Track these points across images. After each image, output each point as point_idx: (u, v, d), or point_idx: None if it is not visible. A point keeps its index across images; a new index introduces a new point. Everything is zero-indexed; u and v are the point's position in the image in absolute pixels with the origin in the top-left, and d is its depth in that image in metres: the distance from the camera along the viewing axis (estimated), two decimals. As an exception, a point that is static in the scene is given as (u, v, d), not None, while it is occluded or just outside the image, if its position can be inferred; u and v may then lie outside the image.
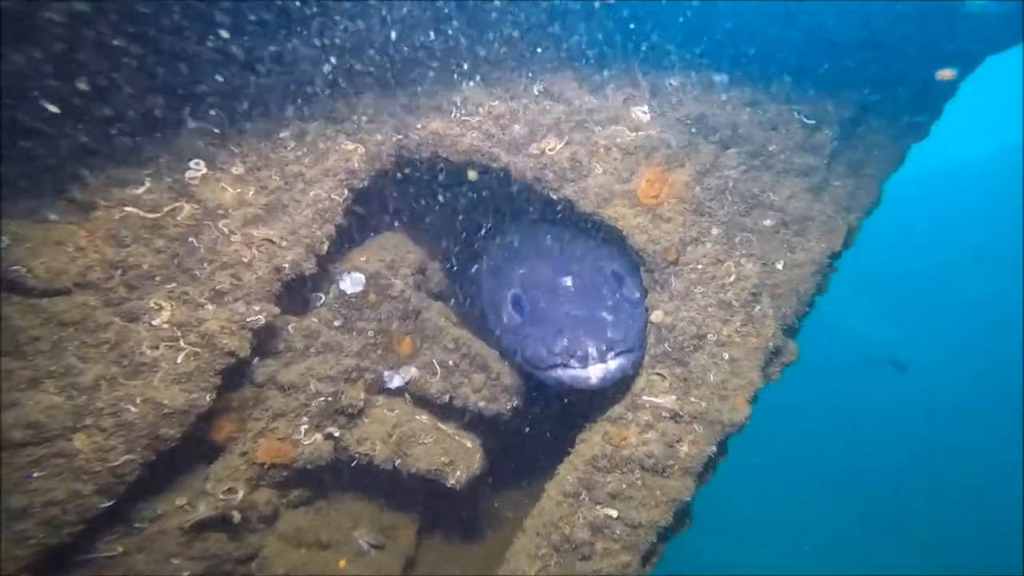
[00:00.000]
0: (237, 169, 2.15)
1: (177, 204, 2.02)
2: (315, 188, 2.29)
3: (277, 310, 2.19)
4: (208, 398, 2.01)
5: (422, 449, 2.65)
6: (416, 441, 2.65)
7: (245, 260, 2.12)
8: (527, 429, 3.09)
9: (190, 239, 2.03)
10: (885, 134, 3.27)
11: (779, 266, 2.80)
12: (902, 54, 3.08)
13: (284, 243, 2.20)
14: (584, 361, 2.30)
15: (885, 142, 3.28)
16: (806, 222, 2.90)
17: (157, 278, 1.96)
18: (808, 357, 3.03)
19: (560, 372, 2.37)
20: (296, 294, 2.42)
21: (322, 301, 2.46)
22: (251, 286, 2.12)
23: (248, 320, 2.10)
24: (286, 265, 2.17)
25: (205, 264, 2.05)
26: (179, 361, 1.95)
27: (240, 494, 2.14)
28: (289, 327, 2.37)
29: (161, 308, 1.94)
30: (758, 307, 2.73)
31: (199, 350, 1.99)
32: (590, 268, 2.67)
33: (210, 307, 2.03)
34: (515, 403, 2.89)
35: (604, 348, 2.32)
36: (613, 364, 2.33)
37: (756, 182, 2.87)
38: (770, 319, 2.74)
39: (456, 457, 2.71)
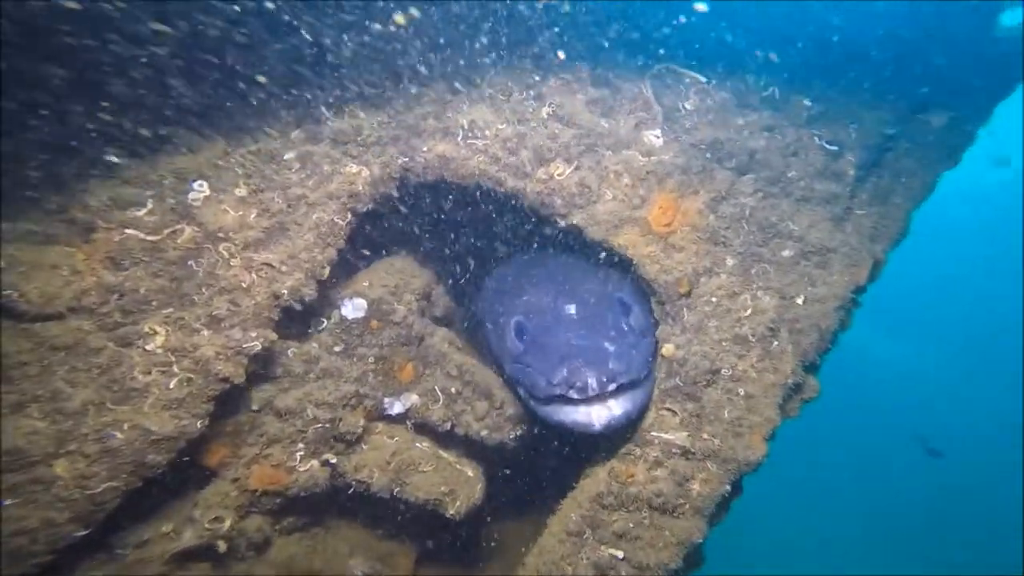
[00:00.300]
0: (240, 191, 2.11)
1: (178, 226, 1.98)
2: (318, 211, 2.24)
3: (274, 336, 2.13)
4: (199, 424, 1.95)
5: (421, 478, 2.55)
6: (415, 469, 2.55)
7: (244, 285, 2.07)
8: (532, 459, 2.96)
9: (189, 263, 1.99)
10: (914, 161, 3.09)
11: (799, 300, 2.64)
12: (931, 77, 2.92)
13: (284, 268, 2.14)
14: (584, 392, 2.17)
15: (914, 169, 3.10)
16: (828, 253, 2.73)
17: (153, 303, 1.92)
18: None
19: (561, 414, 2.24)
20: (297, 318, 2.36)
21: (323, 326, 2.40)
22: (249, 312, 2.06)
23: (244, 346, 2.04)
24: (285, 291, 2.12)
25: (203, 289, 2.00)
26: (171, 387, 1.89)
27: (227, 523, 2.06)
28: (288, 352, 2.31)
29: (155, 333, 1.90)
30: (776, 342, 2.56)
31: (192, 376, 1.93)
32: (595, 296, 2.56)
33: (206, 333, 1.98)
34: (519, 433, 2.78)
35: (604, 379, 2.19)
36: (618, 409, 2.20)
37: (774, 210, 2.73)
38: (789, 355, 2.57)
39: (456, 487, 2.60)
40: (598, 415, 2.20)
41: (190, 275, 1.98)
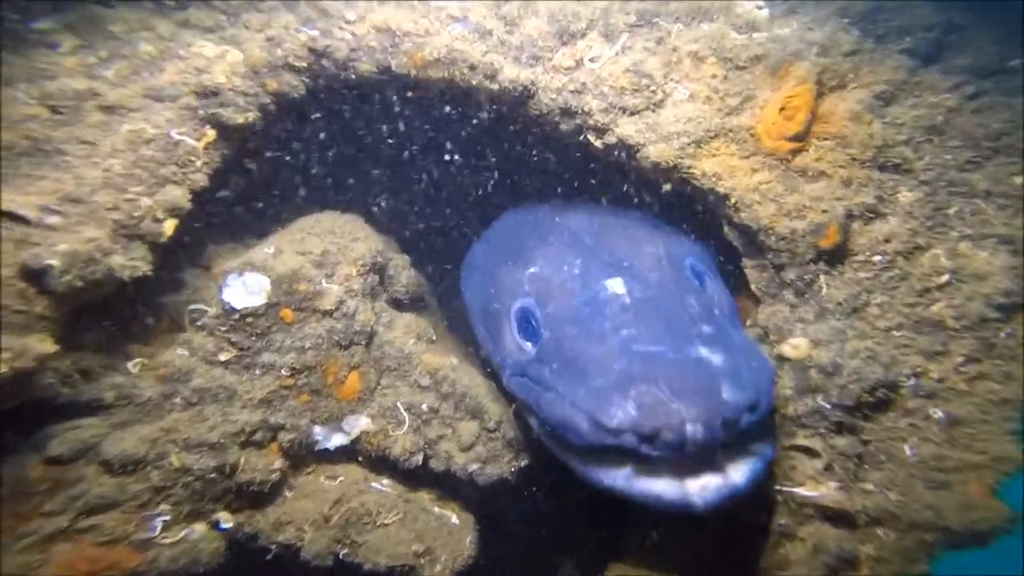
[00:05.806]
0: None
1: None
2: (132, 120, 0.94)
3: (50, 347, 0.89)
4: None
5: (381, 534, 1.31)
6: (372, 522, 1.31)
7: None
8: (543, 497, 1.63)
9: None
10: None
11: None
12: None
13: (55, 220, 0.87)
14: (678, 449, 0.83)
15: None
16: (1110, 181, 1.14)
17: None
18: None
19: (622, 480, 0.92)
20: (149, 306, 1.12)
21: (200, 320, 1.14)
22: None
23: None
24: (52, 262, 0.85)
25: None
26: None
27: None
28: (128, 365, 1.08)
29: None
30: (1007, 330, 1.08)
31: None
32: (655, 261, 1.12)
33: None
34: (523, 463, 1.44)
35: (718, 423, 0.83)
36: (738, 475, 0.88)
37: (995, 114, 1.17)
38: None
39: (435, 543, 1.35)
40: (701, 487, 0.86)
41: None
